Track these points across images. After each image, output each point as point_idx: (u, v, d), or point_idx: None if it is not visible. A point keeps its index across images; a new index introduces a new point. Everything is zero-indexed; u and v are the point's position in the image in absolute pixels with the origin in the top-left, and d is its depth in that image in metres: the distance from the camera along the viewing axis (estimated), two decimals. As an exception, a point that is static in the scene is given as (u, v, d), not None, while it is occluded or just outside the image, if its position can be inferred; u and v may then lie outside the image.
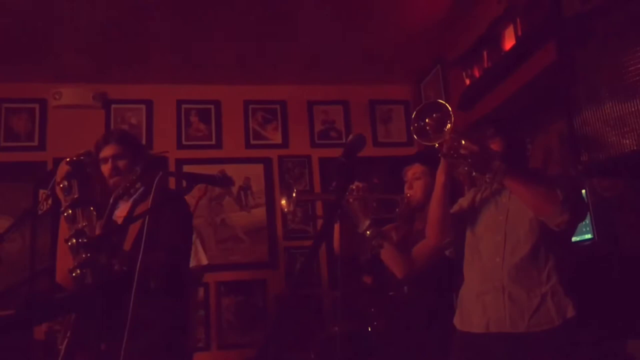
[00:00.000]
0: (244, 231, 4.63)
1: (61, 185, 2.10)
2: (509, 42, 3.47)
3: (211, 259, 4.04)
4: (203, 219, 4.51)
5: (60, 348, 2.57)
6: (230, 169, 4.61)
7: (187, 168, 4.50)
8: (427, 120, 2.04)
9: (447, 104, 2.02)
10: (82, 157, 2.11)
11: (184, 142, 4.67)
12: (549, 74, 3.08)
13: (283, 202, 2.53)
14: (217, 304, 4.45)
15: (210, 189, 4.35)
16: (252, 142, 4.79)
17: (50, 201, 3.41)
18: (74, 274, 1.86)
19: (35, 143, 4.43)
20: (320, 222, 4.67)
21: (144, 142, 4.53)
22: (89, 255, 1.84)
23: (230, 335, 4.40)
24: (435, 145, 2.05)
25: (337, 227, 2.40)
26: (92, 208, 2.02)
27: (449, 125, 1.98)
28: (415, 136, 2.06)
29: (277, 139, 4.84)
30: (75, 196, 2.05)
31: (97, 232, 2.00)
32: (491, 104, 3.69)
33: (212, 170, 4.45)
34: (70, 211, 2.03)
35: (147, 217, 2.24)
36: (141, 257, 1.99)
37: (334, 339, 3.82)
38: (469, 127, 2.27)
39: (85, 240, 1.90)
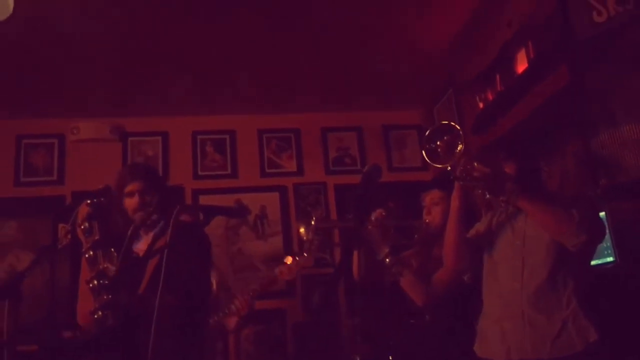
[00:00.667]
0: (261, 260, 4.62)
1: (82, 227, 2.11)
2: (521, 65, 3.48)
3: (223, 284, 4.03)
4: (220, 248, 4.52)
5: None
6: (246, 198, 4.69)
7: (203, 198, 4.53)
8: (438, 142, 2.05)
9: (457, 126, 2.03)
10: (102, 199, 2.13)
11: (199, 173, 4.71)
12: (562, 96, 3.08)
13: (302, 229, 2.54)
14: (236, 333, 4.43)
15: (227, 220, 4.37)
16: (267, 170, 4.82)
17: (69, 236, 3.44)
18: (95, 316, 1.86)
19: (54, 177, 4.50)
20: (337, 250, 4.66)
21: (160, 173, 4.58)
22: (110, 296, 1.85)
23: (250, 365, 4.37)
24: (447, 167, 2.05)
25: (355, 253, 2.40)
26: (112, 249, 2.03)
27: (460, 147, 1.99)
28: (426, 158, 2.06)
29: (292, 167, 4.86)
30: (96, 238, 2.06)
31: (115, 265, 2.01)
32: (505, 127, 3.69)
33: (228, 200, 4.53)
34: (91, 252, 2.04)
35: (165, 255, 2.25)
36: (158, 300, 2.00)
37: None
38: (481, 150, 2.27)
39: (106, 282, 1.91)
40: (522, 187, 2.02)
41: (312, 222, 2.47)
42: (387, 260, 2.41)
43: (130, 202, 2.46)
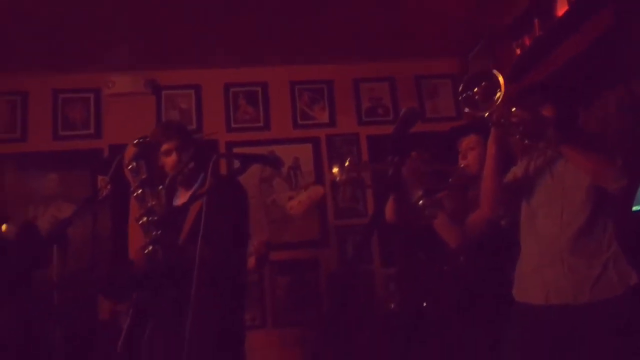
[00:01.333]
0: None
1: (130, 167, 2.17)
2: (561, 8, 3.37)
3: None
4: (254, 200, 4.57)
5: (123, 327, 2.68)
6: (279, 150, 4.71)
7: (237, 151, 4.56)
8: (475, 89, 2.01)
9: (496, 72, 1.98)
10: (147, 139, 2.18)
11: (232, 125, 4.74)
12: (605, 40, 2.98)
13: (335, 170, 2.54)
14: (271, 283, 4.53)
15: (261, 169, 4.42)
16: (300, 122, 4.82)
17: (109, 187, 3.52)
18: (146, 251, 1.93)
19: (92, 131, 4.58)
20: (370, 200, 4.67)
21: (194, 126, 4.63)
22: (159, 232, 1.91)
23: (285, 313, 4.47)
24: (484, 115, 2.01)
25: (393, 197, 2.40)
26: (160, 187, 2.09)
27: (498, 94, 1.95)
28: (464, 107, 2.03)
29: (325, 118, 4.85)
30: (144, 176, 2.12)
31: (163, 202, 2.06)
32: (544, 74, 3.60)
33: (261, 152, 4.55)
34: (140, 191, 2.10)
35: (204, 207, 2.29)
36: (198, 251, 2.05)
37: (390, 316, 3.85)
38: (518, 94, 2.22)
39: (155, 218, 1.97)
40: (562, 132, 1.98)
41: (347, 164, 2.48)
42: (421, 202, 2.40)
43: (167, 161, 2.51)
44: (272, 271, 4.50)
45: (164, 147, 2.51)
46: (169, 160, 2.49)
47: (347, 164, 2.55)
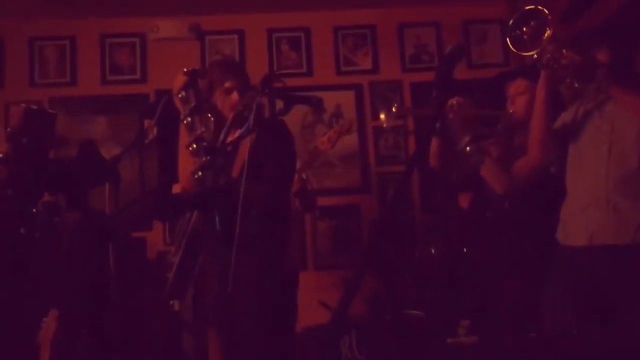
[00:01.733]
0: (337, 157, 4.69)
1: (179, 96, 2.22)
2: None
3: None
4: (297, 146, 4.60)
5: (172, 261, 2.78)
6: (322, 96, 4.67)
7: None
8: (524, 29, 1.97)
9: (545, 9, 1.93)
10: (197, 69, 2.22)
11: (276, 71, 4.73)
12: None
13: (382, 116, 2.55)
14: (313, 227, 4.61)
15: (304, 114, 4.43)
16: (343, 68, 4.78)
17: (155, 131, 3.60)
18: (196, 176, 2.00)
19: (138, 76, 4.65)
20: (412, 139, 4.64)
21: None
22: (209, 158, 1.96)
23: (326, 257, 4.56)
24: (534, 55, 1.97)
25: (435, 142, 2.38)
26: (209, 115, 2.13)
27: (547, 32, 1.90)
28: (511, 46, 1.99)
29: (368, 64, 4.79)
30: (193, 104, 2.16)
31: (211, 129, 2.11)
32: (600, 15, 3.45)
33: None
34: (189, 119, 2.15)
35: (251, 143, 2.32)
36: (243, 187, 2.10)
37: (430, 260, 3.89)
38: (572, 38, 2.16)
39: (205, 144, 2.02)
40: (614, 74, 1.92)
41: (394, 109, 2.48)
42: (468, 149, 2.38)
43: (227, 99, 2.50)
44: (313, 216, 4.57)
45: (226, 84, 2.50)
46: (230, 99, 2.49)
47: (394, 109, 2.55)
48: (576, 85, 2.03)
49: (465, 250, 3.44)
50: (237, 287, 2.21)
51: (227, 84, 2.49)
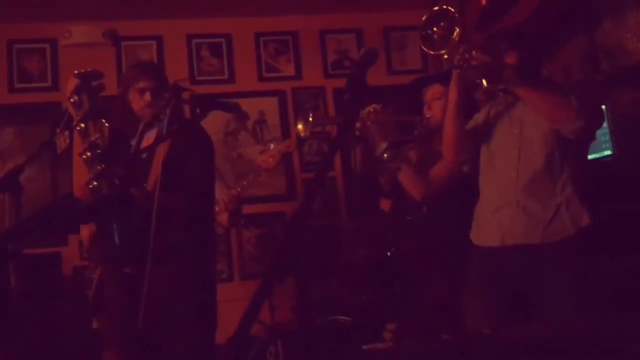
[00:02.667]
0: (261, 165, 4.64)
1: (72, 100, 2.10)
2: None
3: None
4: (219, 153, 4.52)
5: (92, 277, 2.64)
6: (245, 103, 4.59)
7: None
8: (435, 29, 2.01)
9: (452, 9, 1.98)
10: (89, 70, 2.11)
11: (196, 78, 4.64)
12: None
13: (300, 126, 2.53)
14: (238, 236, 4.53)
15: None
16: (265, 75, 4.74)
17: (67, 139, 3.42)
18: (90, 186, 1.88)
19: (49, 83, 4.43)
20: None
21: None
22: (103, 166, 1.86)
23: (252, 266, 4.49)
24: (444, 55, 2.02)
25: (359, 150, 2.38)
26: (103, 120, 2.03)
27: (456, 31, 1.95)
28: (423, 45, 2.03)
29: (290, 71, 4.78)
30: (86, 109, 2.05)
31: (106, 136, 2.00)
32: (510, 23, 3.58)
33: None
34: (82, 125, 2.04)
35: (167, 150, 2.24)
36: (157, 195, 2.01)
37: (354, 265, 3.89)
38: (484, 41, 2.22)
39: (99, 152, 1.91)
40: (520, 74, 1.99)
41: (310, 119, 2.46)
42: (386, 155, 2.40)
43: (141, 99, 2.43)
44: (239, 225, 4.49)
45: (140, 84, 2.44)
46: (142, 99, 2.43)
47: (310, 119, 2.54)
48: (485, 85, 2.08)
49: (389, 253, 3.46)
50: (154, 299, 2.12)
51: (140, 84, 2.41)
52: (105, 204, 1.71)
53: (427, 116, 2.66)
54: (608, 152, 2.79)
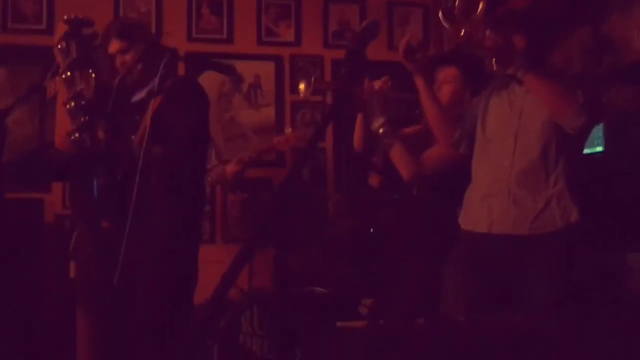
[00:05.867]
0: (253, 129, 4.60)
1: (59, 47, 2.04)
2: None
3: (219, 155, 4.06)
4: (212, 115, 4.46)
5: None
6: (241, 66, 4.53)
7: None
8: (456, 2, 1.96)
9: None
10: (80, 18, 2.05)
11: (194, 35, 4.56)
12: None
13: (302, 86, 2.51)
14: (223, 199, 4.51)
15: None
16: (264, 39, 4.67)
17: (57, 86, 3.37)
18: (72, 138, 1.84)
19: (43, 26, 4.33)
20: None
21: (152, 32, 4.41)
22: (87, 118, 1.82)
23: (236, 229, 4.48)
24: (461, 33, 1.97)
25: (359, 124, 2.35)
26: (90, 70, 1.98)
27: (481, 6, 1.90)
28: (442, 19, 1.98)
29: (290, 37, 4.71)
30: (74, 57, 1.99)
31: (92, 86, 1.96)
32: (519, 3, 3.53)
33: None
34: (68, 73, 1.98)
35: (157, 105, 2.20)
36: (143, 149, 1.97)
37: (336, 238, 3.90)
38: (493, 20, 2.18)
39: (83, 103, 1.87)
40: (531, 62, 1.97)
41: (312, 81, 2.44)
42: (381, 130, 2.36)
43: (121, 58, 2.38)
44: (224, 188, 4.47)
45: (109, 49, 2.36)
46: (123, 59, 2.38)
47: (313, 80, 2.52)
48: (495, 68, 2.05)
49: (372, 230, 3.47)
50: (132, 256, 2.11)
51: (109, 50, 2.35)
52: (86, 159, 1.67)
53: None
54: (600, 149, 2.79)
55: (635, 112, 2.62)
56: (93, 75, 1.95)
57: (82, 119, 1.83)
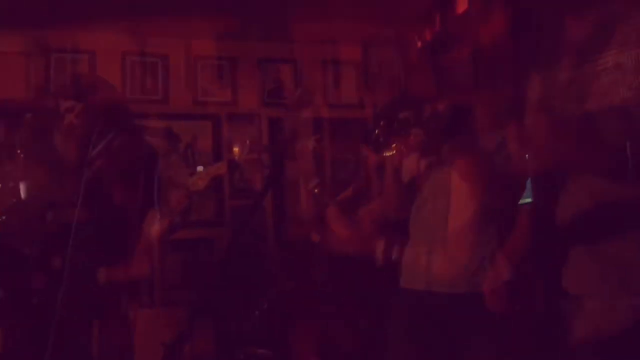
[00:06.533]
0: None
1: None
2: (462, 6, 3.46)
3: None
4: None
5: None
6: (178, 126, 4.56)
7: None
8: (376, 131, 2.05)
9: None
10: None
11: (129, 96, 4.53)
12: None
13: (236, 149, 2.52)
14: (162, 261, 4.39)
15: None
16: (200, 98, 4.70)
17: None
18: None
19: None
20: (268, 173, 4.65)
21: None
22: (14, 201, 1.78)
23: (176, 292, 4.36)
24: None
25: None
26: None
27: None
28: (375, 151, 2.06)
29: (227, 96, 4.75)
30: None
31: None
32: (463, 53, 3.68)
33: (159, 125, 4.39)
34: None
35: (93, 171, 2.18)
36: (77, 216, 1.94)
37: (280, 298, 3.86)
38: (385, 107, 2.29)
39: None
40: (458, 149, 2.05)
41: (247, 142, 2.46)
42: (316, 190, 2.41)
43: (68, 117, 2.37)
44: (163, 249, 4.36)
45: (61, 107, 2.39)
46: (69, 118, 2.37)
47: (247, 142, 2.54)
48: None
49: (316, 286, 3.46)
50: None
51: (61, 107, 2.35)
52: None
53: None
54: (528, 200, 2.90)
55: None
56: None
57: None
